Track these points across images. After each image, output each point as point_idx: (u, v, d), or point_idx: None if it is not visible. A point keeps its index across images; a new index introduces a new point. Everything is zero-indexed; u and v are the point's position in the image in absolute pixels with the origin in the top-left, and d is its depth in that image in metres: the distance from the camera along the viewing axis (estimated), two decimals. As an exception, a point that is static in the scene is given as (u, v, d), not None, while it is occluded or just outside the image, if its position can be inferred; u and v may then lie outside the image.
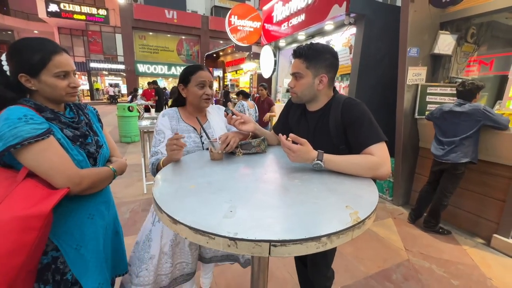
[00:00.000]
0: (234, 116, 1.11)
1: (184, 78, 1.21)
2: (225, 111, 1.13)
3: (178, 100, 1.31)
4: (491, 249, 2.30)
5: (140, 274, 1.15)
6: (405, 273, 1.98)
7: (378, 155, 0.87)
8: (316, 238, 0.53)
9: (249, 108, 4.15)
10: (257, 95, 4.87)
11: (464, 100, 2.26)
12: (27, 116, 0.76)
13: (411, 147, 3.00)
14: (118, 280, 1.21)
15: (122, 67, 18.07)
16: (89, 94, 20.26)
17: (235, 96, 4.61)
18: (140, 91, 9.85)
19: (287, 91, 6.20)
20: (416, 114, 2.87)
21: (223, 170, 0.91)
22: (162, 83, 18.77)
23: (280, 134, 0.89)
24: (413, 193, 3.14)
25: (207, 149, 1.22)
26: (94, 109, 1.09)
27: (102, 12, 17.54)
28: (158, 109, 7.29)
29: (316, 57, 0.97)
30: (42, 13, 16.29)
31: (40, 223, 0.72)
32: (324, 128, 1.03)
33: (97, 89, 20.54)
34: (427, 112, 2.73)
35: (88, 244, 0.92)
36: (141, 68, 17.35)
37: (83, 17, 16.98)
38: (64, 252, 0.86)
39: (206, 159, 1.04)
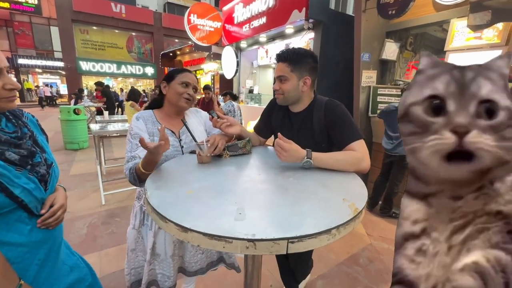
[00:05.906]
0: (219, 119, 1.10)
1: (169, 76, 1.18)
2: (210, 114, 1.11)
3: (156, 101, 1.23)
4: (433, 227, 2.71)
5: None
6: (370, 256, 2.20)
7: (359, 151, 0.96)
8: (328, 231, 0.57)
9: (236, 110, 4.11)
10: (202, 96, 4.83)
11: (408, 100, 2.62)
12: None
13: (366, 143, 3.34)
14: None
15: (60, 64, 15.93)
16: (18, 95, 17.38)
17: (222, 96, 4.56)
18: (85, 92, 8.85)
19: (250, 92, 6.28)
20: (370, 112, 3.20)
21: (216, 173, 0.90)
22: (110, 82, 17.15)
23: (279, 134, 0.91)
24: (369, 184, 3.49)
25: (190, 152, 1.18)
26: (33, 116, 0.86)
27: (32, 0, 15.16)
28: (111, 111, 6.65)
29: (299, 61, 1.03)
30: None
31: None
32: (308, 128, 1.10)
33: (29, 89, 17.72)
34: (378, 111, 3.07)
35: None
36: (85, 66, 15.51)
37: (6, 4, 14.42)
38: None
39: (193, 163, 1.01)
